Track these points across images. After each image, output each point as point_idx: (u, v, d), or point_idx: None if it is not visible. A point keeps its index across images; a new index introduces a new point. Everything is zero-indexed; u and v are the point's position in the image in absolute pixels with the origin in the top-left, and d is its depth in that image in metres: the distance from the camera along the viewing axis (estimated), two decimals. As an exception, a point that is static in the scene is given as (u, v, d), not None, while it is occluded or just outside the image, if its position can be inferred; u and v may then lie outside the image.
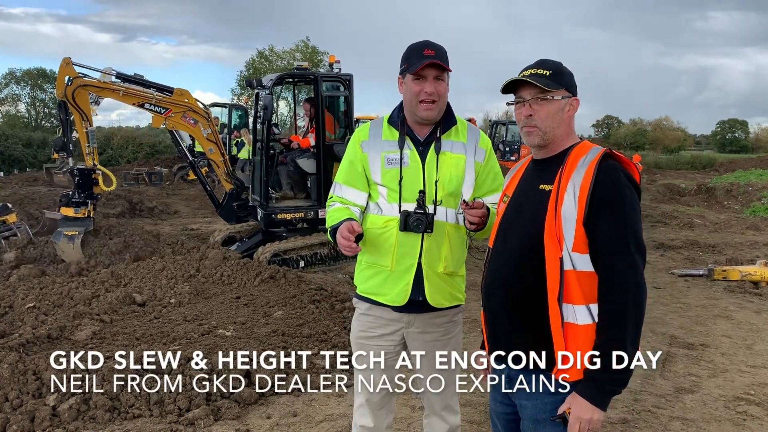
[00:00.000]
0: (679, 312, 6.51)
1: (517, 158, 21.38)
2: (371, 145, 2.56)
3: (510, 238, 2.07)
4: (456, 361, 2.67)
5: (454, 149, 2.55)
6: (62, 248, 7.51)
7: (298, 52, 35.18)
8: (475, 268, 3.48)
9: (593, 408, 1.86)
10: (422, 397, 2.76)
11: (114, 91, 7.76)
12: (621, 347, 1.84)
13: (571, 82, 2.05)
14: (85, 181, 7.83)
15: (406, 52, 2.50)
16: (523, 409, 2.05)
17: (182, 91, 8.21)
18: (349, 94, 8.43)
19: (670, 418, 4.02)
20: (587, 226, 1.88)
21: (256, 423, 3.81)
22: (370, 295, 2.60)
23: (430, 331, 2.59)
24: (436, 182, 2.49)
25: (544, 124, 2.02)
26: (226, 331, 5.08)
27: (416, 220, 2.42)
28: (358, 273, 2.66)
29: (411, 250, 2.48)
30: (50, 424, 3.63)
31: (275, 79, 7.96)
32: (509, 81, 2.05)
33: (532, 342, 1.98)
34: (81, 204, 7.82)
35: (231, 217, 8.85)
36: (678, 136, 48.79)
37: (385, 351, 2.60)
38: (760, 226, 12.52)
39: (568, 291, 1.89)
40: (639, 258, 1.90)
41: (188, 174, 17.82)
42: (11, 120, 34.59)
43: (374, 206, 2.58)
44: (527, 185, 2.11)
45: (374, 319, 2.61)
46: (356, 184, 2.58)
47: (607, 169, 1.91)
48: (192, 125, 8.23)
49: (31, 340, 4.72)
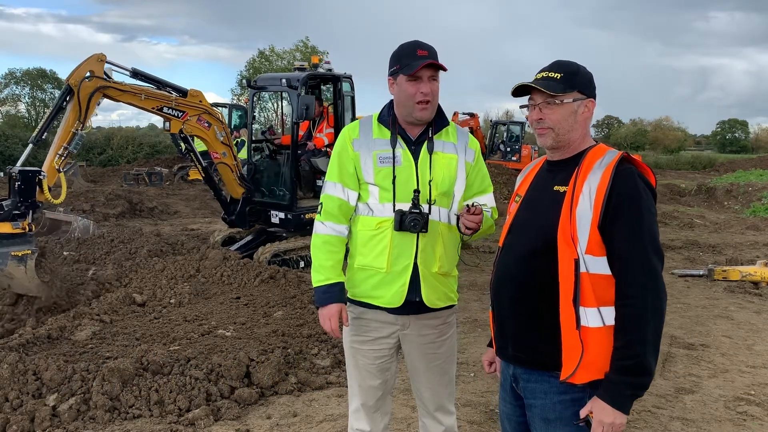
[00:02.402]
0: (680, 312, 6.51)
1: (518, 159, 21.34)
2: (362, 144, 2.51)
3: (521, 238, 2.06)
4: (450, 362, 2.68)
5: (446, 149, 2.54)
6: (11, 274, 5.60)
7: (297, 51, 35.23)
8: (474, 267, 3.47)
9: (615, 412, 1.86)
10: (416, 398, 2.74)
11: (135, 95, 7.14)
12: (642, 351, 1.84)
13: (584, 83, 2.03)
14: (29, 185, 6.17)
15: (397, 52, 2.47)
16: (533, 409, 2.05)
17: (196, 92, 7.76)
18: (352, 95, 8.51)
19: (670, 418, 4.02)
20: (603, 230, 1.88)
21: (256, 423, 3.81)
22: (363, 299, 2.55)
23: (425, 333, 2.57)
24: (429, 182, 2.48)
25: (557, 127, 2.02)
26: (226, 331, 5.08)
27: (413, 220, 2.40)
28: (350, 276, 2.59)
29: (406, 251, 2.46)
30: (50, 424, 3.63)
31: (303, 79, 7.86)
32: (517, 86, 2.06)
33: (541, 341, 1.98)
34: (20, 216, 6.03)
35: (245, 222, 8.52)
36: (678, 136, 48.82)
37: (379, 354, 2.58)
38: (760, 226, 12.52)
39: (581, 293, 1.88)
40: (657, 262, 1.89)
41: (188, 174, 17.83)
42: (11, 120, 34.56)
43: (364, 207, 2.52)
44: (541, 186, 2.11)
45: (367, 322, 2.57)
46: (349, 183, 2.52)
47: (624, 173, 1.90)
48: (206, 128, 7.79)
49: (31, 340, 4.72)
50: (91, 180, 18.03)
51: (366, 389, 2.62)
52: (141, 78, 7.37)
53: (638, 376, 1.85)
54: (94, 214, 11.57)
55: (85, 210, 11.66)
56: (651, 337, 1.86)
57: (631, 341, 1.85)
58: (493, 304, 2.17)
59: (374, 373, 2.60)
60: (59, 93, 7.05)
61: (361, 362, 2.60)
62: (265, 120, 25.71)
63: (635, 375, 1.85)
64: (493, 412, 3.99)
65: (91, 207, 12.15)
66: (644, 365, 1.85)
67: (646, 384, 1.88)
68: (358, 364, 2.61)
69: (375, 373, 2.60)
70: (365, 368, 2.60)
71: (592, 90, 2.05)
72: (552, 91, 1.99)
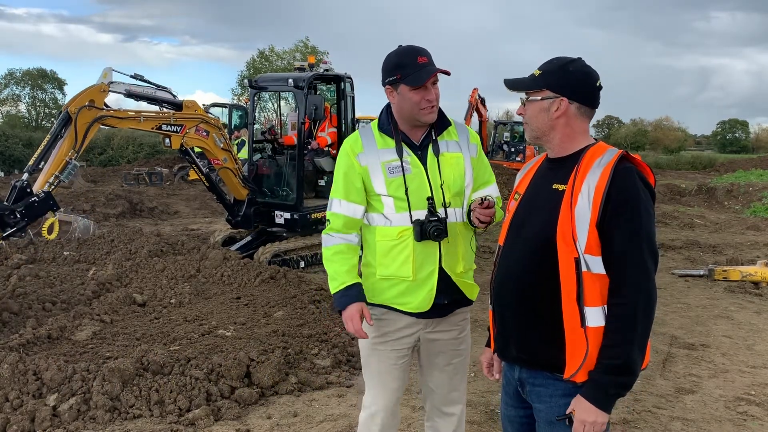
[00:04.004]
0: (680, 312, 6.51)
1: (523, 159, 21.31)
2: (368, 156, 2.46)
3: (521, 237, 2.05)
4: (467, 359, 2.72)
5: (450, 148, 2.53)
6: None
7: (297, 51, 35.24)
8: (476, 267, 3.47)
9: (597, 411, 1.86)
10: (427, 399, 2.72)
11: (134, 119, 7.19)
12: (627, 351, 1.84)
13: (558, 82, 1.98)
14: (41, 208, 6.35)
15: (395, 60, 2.42)
16: (538, 412, 2.04)
17: (191, 102, 7.79)
18: (352, 95, 8.53)
19: (670, 418, 4.01)
20: (600, 229, 1.87)
21: (256, 423, 3.81)
22: (388, 304, 2.52)
23: (448, 330, 2.59)
24: (441, 186, 2.46)
25: (531, 123, 2.06)
26: (227, 331, 5.08)
27: (435, 229, 2.36)
28: (371, 286, 2.53)
29: (430, 257, 2.44)
30: (50, 424, 3.63)
31: (308, 79, 7.85)
32: (505, 81, 2.09)
33: (543, 341, 1.97)
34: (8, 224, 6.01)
35: (250, 224, 8.48)
36: (678, 136, 48.77)
37: (401, 354, 2.56)
38: (760, 226, 12.52)
39: (585, 292, 1.88)
40: (651, 263, 1.89)
41: (188, 174, 17.83)
42: (11, 120, 34.56)
43: (380, 217, 2.48)
44: (540, 184, 2.09)
45: (390, 322, 2.54)
46: (356, 199, 2.48)
47: (624, 172, 1.89)
48: (205, 137, 7.78)
49: (31, 340, 4.72)
50: (92, 180, 18.02)
51: (390, 391, 2.59)
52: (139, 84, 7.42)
53: (624, 376, 1.86)
54: (95, 214, 11.57)
55: (85, 210, 11.67)
56: (639, 338, 1.86)
57: (619, 341, 1.85)
58: (493, 303, 2.16)
59: (396, 375, 2.58)
60: (57, 120, 6.94)
61: (383, 364, 2.57)
62: (265, 120, 25.68)
63: (621, 375, 1.85)
64: (493, 412, 3.99)
65: (91, 207, 12.16)
66: (630, 365, 1.85)
67: (630, 384, 1.89)
68: (380, 366, 2.58)
69: (396, 375, 2.58)
70: (387, 370, 2.57)
71: (568, 90, 1.98)
72: (519, 88, 2.04)
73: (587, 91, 2.01)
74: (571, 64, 2.01)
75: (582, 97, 2.00)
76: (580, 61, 2.04)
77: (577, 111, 2.00)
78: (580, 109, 2.00)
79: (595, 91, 2.03)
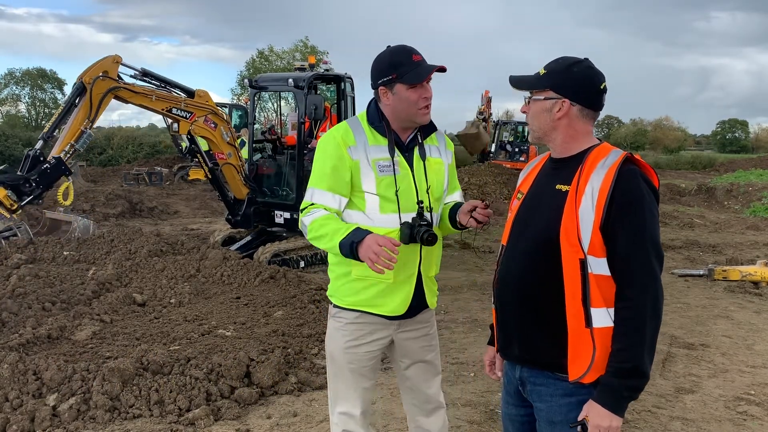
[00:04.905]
0: (680, 312, 6.51)
1: (526, 159, 21.29)
2: (360, 151, 2.39)
3: (524, 237, 2.04)
4: (439, 354, 2.70)
5: (433, 153, 2.54)
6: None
7: (297, 51, 35.23)
8: (474, 267, 3.47)
9: (611, 415, 1.85)
10: (408, 401, 2.69)
11: (146, 97, 7.17)
12: (638, 354, 1.83)
13: (562, 83, 1.97)
14: (54, 174, 6.50)
15: (389, 60, 2.38)
16: (539, 412, 2.04)
17: (203, 92, 7.77)
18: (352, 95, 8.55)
19: (670, 418, 4.02)
20: (604, 231, 1.86)
21: (256, 423, 3.81)
22: (361, 308, 2.47)
23: (417, 327, 2.58)
24: (427, 190, 2.45)
25: (532, 122, 2.05)
26: (226, 331, 5.09)
27: (428, 234, 2.30)
28: (342, 285, 2.48)
29: (411, 260, 2.43)
30: (50, 424, 3.63)
31: (308, 79, 7.86)
32: (510, 78, 2.08)
33: (546, 341, 1.97)
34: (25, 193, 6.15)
35: (250, 223, 8.47)
36: (678, 136, 48.76)
37: (373, 355, 2.55)
38: (760, 226, 12.53)
39: (590, 293, 1.87)
40: (657, 265, 1.88)
41: (188, 174, 17.84)
42: (11, 120, 34.58)
43: (360, 215, 2.41)
44: (543, 184, 2.08)
45: (363, 326, 2.50)
46: (341, 191, 2.39)
47: (628, 174, 1.88)
48: (213, 129, 7.77)
49: (31, 340, 4.72)
50: (91, 180, 18.02)
51: (362, 392, 2.58)
52: (150, 78, 7.42)
53: (635, 378, 1.85)
54: (94, 214, 11.57)
55: (85, 210, 11.67)
56: (648, 340, 1.85)
57: (630, 344, 1.84)
58: (495, 303, 2.16)
59: (367, 375, 2.57)
60: (71, 89, 7.08)
61: (355, 365, 2.54)
62: (265, 120, 25.68)
63: (632, 377, 1.85)
64: (493, 412, 3.99)
65: (91, 207, 12.16)
66: (641, 368, 1.84)
67: (641, 386, 1.88)
68: (353, 368, 2.54)
69: (368, 375, 2.57)
70: (359, 371, 2.54)
71: (571, 92, 1.96)
72: (523, 87, 2.03)
73: (590, 94, 1.99)
74: (576, 66, 1.99)
75: (584, 99, 1.99)
76: (587, 62, 2.01)
77: (580, 113, 1.99)
78: (582, 111, 1.99)
79: (599, 94, 2.00)
